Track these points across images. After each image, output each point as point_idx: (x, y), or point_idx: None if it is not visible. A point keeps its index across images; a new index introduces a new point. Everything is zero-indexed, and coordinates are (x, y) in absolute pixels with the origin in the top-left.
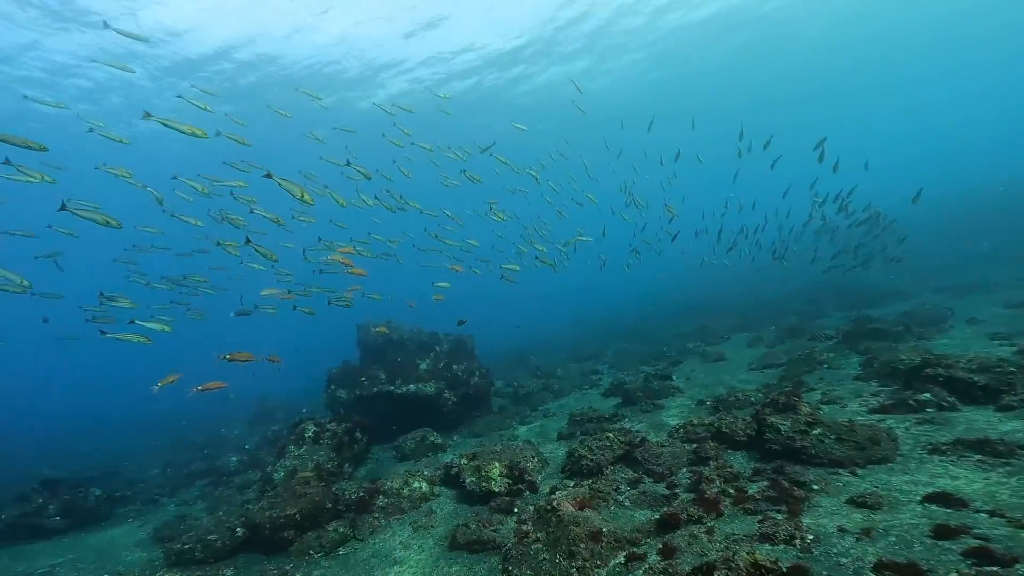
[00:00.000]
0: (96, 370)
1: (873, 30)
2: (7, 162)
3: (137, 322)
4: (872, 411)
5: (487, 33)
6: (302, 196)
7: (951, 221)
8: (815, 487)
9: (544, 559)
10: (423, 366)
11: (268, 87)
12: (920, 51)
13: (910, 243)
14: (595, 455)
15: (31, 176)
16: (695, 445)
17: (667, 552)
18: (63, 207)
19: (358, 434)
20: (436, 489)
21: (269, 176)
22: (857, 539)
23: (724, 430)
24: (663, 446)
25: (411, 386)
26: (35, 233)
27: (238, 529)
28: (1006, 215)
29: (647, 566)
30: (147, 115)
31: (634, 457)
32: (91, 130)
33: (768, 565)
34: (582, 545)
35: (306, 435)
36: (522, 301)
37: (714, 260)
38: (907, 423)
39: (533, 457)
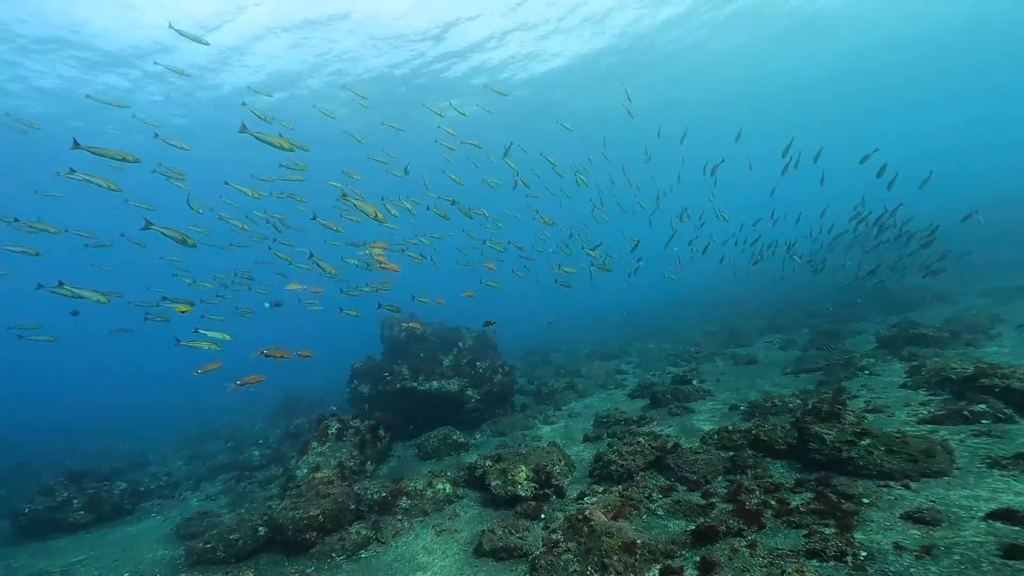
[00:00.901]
0: (127, 361)
1: (933, 42)
2: (72, 172)
3: (200, 331)
4: (922, 421)
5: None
6: (375, 215)
7: (995, 222)
8: (865, 500)
9: (575, 570)
10: (446, 362)
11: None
12: (981, 61)
13: (951, 244)
14: (625, 460)
15: (99, 181)
16: (732, 453)
17: (706, 566)
18: (148, 226)
19: (381, 432)
20: (460, 491)
21: (345, 197)
22: (917, 557)
23: (763, 438)
24: (697, 453)
25: (434, 383)
26: (95, 235)
27: (260, 528)
28: None
29: None
30: (244, 128)
31: (666, 463)
32: (156, 136)
33: None
34: (615, 557)
35: (329, 432)
36: (546, 299)
37: (750, 267)
38: (962, 435)
39: (559, 460)
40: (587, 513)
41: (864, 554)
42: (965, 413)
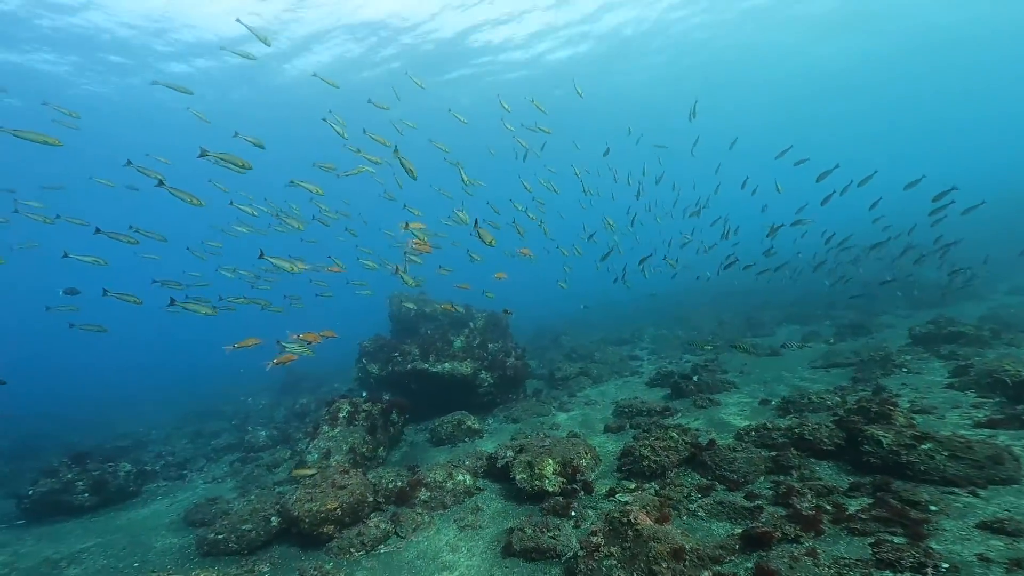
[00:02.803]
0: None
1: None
2: (160, 184)
3: (283, 343)
4: (978, 425)
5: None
6: (491, 242)
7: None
8: (933, 508)
9: None
10: (457, 343)
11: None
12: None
13: (972, 243)
14: (659, 456)
15: (183, 195)
16: (774, 452)
17: (764, 575)
18: (261, 255)
19: (394, 416)
20: (479, 482)
21: (476, 227)
22: (1008, 571)
23: (807, 437)
24: (735, 450)
25: (446, 364)
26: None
27: (273, 518)
28: None
29: None
30: (397, 153)
31: (702, 460)
32: (236, 135)
33: None
34: (664, 564)
35: (340, 415)
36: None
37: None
38: (1023, 441)
39: (586, 453)
40: (632, 517)
41: (946, 566)
42: None
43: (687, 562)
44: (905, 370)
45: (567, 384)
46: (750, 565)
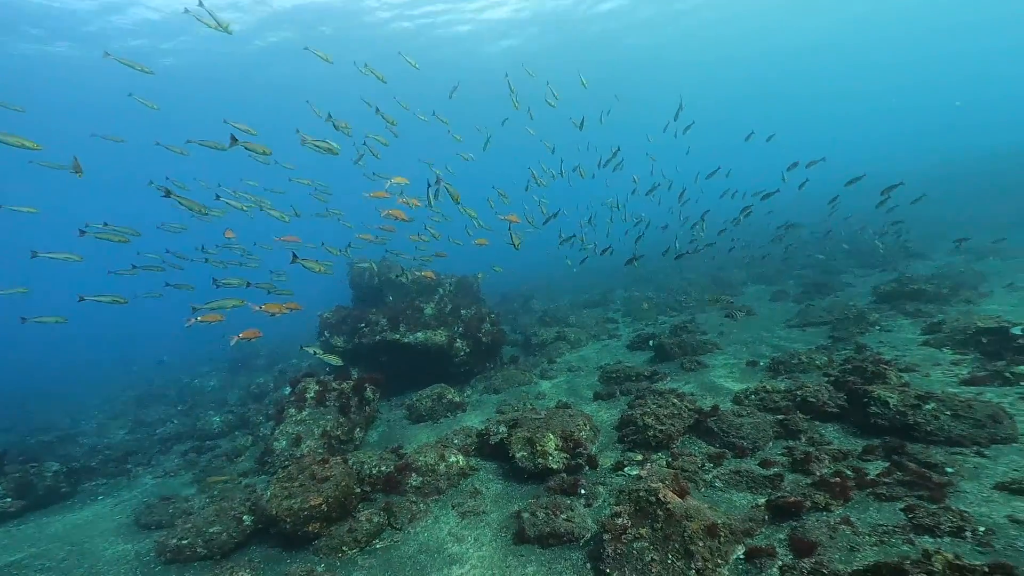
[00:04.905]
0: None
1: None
2: (168, 194)
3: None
4: (963, 383)
5: None
6: (518, 245)
7: (954, 186)
8: (949, 470)
9: (653, 559)
10: (428, 310)
11: None
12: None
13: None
14: (664, 424)
15: (191, 205)
16: (780, 416)
17: (803, 547)
18: (294, 260)
19: (368, 392)
20: (473, 461)
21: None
22: None
23: (810, 399)
24: (740, 415)
25: (419, 334)
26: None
27: (245, 517)
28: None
29: (781, 564)
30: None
31: (707, 427)
32: (234, 139)
33: (968, 565)
34: (700, 543)
35: (307, 395)
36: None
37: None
38: (1009, 397)
39: (584, 424)
40: (662, 495)
41: (983, 529)
42: (1007, 374)
43: (722, 538)
44: (879, 328)
45: (545, 350)
46: (783, 536)
